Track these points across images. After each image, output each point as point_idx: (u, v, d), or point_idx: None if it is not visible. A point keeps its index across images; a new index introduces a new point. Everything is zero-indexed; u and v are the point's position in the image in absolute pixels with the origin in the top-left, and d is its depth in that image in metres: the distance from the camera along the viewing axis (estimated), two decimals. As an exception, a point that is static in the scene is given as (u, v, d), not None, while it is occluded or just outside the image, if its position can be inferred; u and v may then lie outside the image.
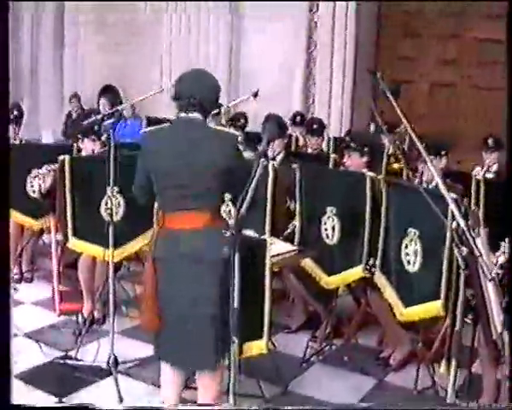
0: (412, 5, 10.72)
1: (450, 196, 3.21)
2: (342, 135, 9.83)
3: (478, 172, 7.39)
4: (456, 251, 3.15)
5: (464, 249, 3.12)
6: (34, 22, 13.69)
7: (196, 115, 4.05)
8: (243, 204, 3.30)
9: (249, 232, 4.48)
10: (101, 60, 12.88)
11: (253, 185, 3.39)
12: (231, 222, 3.32)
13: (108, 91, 11.86)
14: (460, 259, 3.15)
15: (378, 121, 5.96)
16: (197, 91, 4.05)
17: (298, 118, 9.10)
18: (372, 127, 9.39)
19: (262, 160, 3.53)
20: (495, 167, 7.52)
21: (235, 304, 3.33)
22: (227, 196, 4.85)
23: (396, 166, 8.19)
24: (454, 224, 3.17)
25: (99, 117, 5.52)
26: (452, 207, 3.15)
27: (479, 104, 10.04)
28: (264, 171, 3.84)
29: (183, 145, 4.01)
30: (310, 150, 7.96)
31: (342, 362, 5.68)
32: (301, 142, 8.68)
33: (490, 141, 7.62)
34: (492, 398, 4.68)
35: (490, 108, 9.71)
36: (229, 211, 5.34)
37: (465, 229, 3.06)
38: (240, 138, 4.18)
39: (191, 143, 3.99)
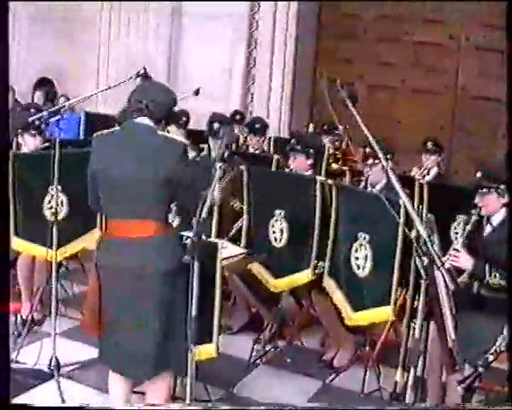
0: (352, 7, 10.77)
1: (410, 204, 3.21)
2: (282, 135, 9.85)
3: (416, 174, 7.46)
4: (417, 261, 3.15)
5: (425, 259, 3.12)
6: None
7: (144, 121, 3.99)
8: (203, 209, 3.25)
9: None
10: (36, 53, 12.64)
11: (211, 190, 3.34)
12: (193, 228, 3.26)
13: (44, 84, 11.63)
14: (421, 269, 3.16)
15: (335, 122, 5.95)
16: (145, 96, 4.01)
17: (237, 116, 9.04)
18: (311, 128, 9.41)
19: (220, 164, 3.48)
20: (434, 170, 7.60)
21: (194, 312, 3.27)
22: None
23: (335, 166, 8.23)
24: (413, 233, 3.17)
25: (45, 113, 5.37)
26: (414, 216, 3.15)
27: (416, 108, 10.12)
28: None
29: (129, 153, 3.94)
30: (251, 150, 7.91)
31: (286, 364, 5.67)
32: (241, 140, 8.64)
33: (429, 144, 7.70)
34: (437, 400, 4.72)
35: (427, 112, 9.83)
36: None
37: (427, 239, 3.06)
38: (188, 146, 4.08)
39: (137, 151, 3.94)
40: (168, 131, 4.63)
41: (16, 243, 5.71)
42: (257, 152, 7.69)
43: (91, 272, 4.19)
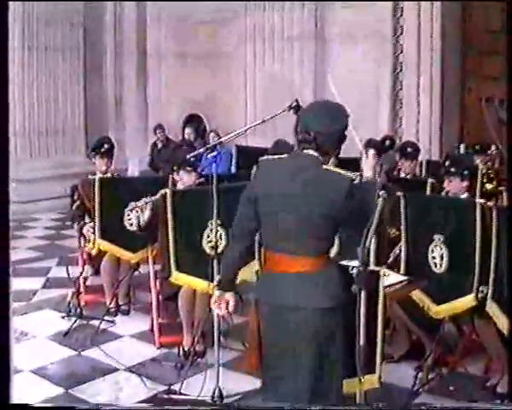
0: (496, 22, 10.56)
1: None
2: (432, 157, 9.72)
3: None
4: None
5: None
6: (117, 55, 13.94)
7: (311, 153, 3.77)
8: (367, 239, 3.22)
9: (354, 263, 4.38)
10: (183, 90, 13.01)
11: (376, 219, 3.31)
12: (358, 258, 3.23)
13: (193, 120, 11.97)
14: None
15: (490, 142, 5.87)
16: (313, 126, 3.76)
17: (387, 141, 8.98)
18: (462, 148, 9.26)
19: (382, 192, 3.44)
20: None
21: (362, 341, 3.25)
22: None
23: (489, 186, 8.04)
24: None
25: (202, 150, 5.52)
26: None
27: None
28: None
29: (291, 185, 3.76)
30: (403, 174, 7.83)
31: (449, 392, 5.55)
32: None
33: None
34: None
35: None
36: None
37: None
38: (356, 180, 3.80)
39: (300, 183, 3.75)
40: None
41: (178, 278, 5.89)
42: (409, 176, 7.60)
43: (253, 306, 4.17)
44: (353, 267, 3.14)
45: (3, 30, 2.75)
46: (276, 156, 4.07)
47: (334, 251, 4.28)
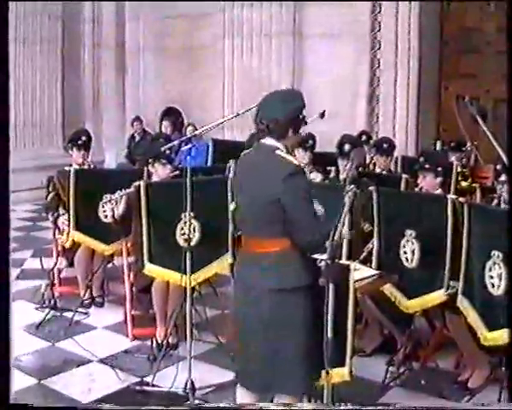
0: (474, 21, 10.65)
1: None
2: (408, 154, 9.77)
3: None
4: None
5: None
6: (95, 48, 13.91)
7: (268, 141, 4.00)
8: (336, 232, 3.25)
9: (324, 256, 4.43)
10: (162, 84, 13.01)
11: (344, 213, 3.34)
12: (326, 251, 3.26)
13: (171, 113, 11.95)
14: None
15: (463, 139, 5.89)
16: (265, 115, 4.00)
17: (364, 137, 9.02)
18: (438, 145, 9.30)
19: (351, 187, 3.48)
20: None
21: (329, 334, 3.28)
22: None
23: (464, 184, 8.10)
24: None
25: (176, 142, 5.52)
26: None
27: None
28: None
29: (249, 173, 4.08)
30: (378, 170, 7.87)
31: (420, 386, 5.59)
32: (368, 160, 8.61)
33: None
34: None
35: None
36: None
37: None
38: (302, 167, 4.02)
39: (256, 171, 4.02)
40: (295, 155, 4.65)
41: (152, 270, 5.89)
42: (384, 172, 7.64)
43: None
44: (321, 260, 3.16)
45: (3, 30, 2.76)
46: (247, 151, 4.30)
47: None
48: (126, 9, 13.75)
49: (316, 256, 3.71)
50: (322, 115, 7.60)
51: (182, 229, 5.67)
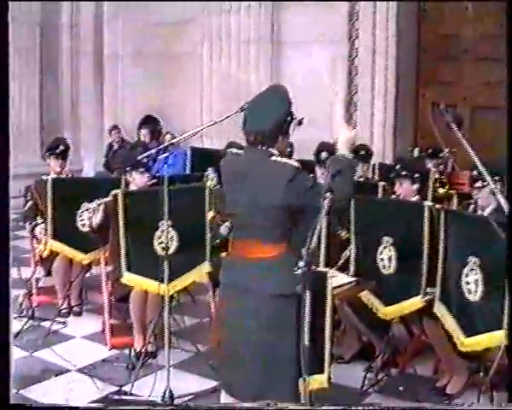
0: (451, 28, 10.71)
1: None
2: (386, 161, 9.79)
3: None
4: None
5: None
6: (74, 55, 13.85)
7: (260, 147, 4.00)
8: (313, 239, 3.25)
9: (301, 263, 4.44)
10: (139, 91, 12.97)
11: (320, 220, 3.35)
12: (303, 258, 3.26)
13: (149, 122, 11.88)
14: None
15: (440, 146, 5.92)
16: (252, 128, 4.02)
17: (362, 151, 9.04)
18: (416, 152, 9.33)
19: (328, 194, 3.49)
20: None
21: (306, 341, 3.28)
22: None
23: (441, 190, 8.12)
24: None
25: (154, 151, 5.52)
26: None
27: None
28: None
29: (247, 178, 4.01)
30: (355, 177, 7.89)
31: (398, 392, 5.60)
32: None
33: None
34: None
35: None
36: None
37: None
38: (301, 167, 4.06)
39: (253, 176, 3.99)
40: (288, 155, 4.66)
41: (130, 279, 5.87)
42: (361, 179, 7.66)
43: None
44: (298, 268, 3.16)
45: (3, 30, 2.75)
46: (234, 151, 4.32)
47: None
48: (105, 15, 13.68)
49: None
50: (300, 123, 7.66)
51: (159, 237, 5.65)
